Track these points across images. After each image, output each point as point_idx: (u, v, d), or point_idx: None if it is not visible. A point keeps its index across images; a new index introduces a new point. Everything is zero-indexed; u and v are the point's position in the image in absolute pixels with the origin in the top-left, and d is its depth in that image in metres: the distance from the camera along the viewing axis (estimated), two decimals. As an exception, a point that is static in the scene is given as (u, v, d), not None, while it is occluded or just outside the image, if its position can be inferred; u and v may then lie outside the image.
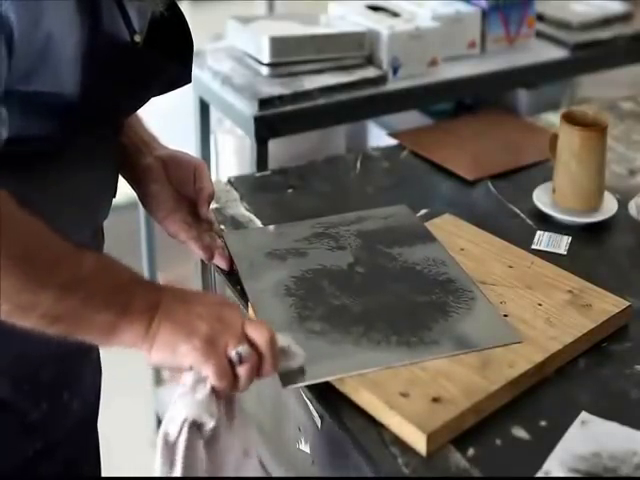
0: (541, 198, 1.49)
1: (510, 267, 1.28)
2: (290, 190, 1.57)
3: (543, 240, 1.40)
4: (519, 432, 1.03)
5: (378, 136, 2.07)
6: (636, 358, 1.15)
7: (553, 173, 1.48)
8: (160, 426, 0.98)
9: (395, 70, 1.86)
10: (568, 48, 2.05)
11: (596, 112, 1.56)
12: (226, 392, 0.98)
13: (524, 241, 1.38)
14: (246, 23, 1.89)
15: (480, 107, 2.06)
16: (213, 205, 1.31)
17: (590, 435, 1.02)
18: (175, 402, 0.98)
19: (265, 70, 1.81)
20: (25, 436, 1.11)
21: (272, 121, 1.74)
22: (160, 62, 1.06)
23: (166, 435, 0.96)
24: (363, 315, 1.16)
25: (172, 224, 1.23)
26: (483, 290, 1.22)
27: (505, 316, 1.18)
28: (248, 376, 0.97)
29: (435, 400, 1.03)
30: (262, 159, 1.75)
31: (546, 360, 1.10)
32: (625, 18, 2.19)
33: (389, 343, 1.11)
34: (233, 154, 2.08)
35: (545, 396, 1.09)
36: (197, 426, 0.96)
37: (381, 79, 1.85)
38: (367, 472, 1.01)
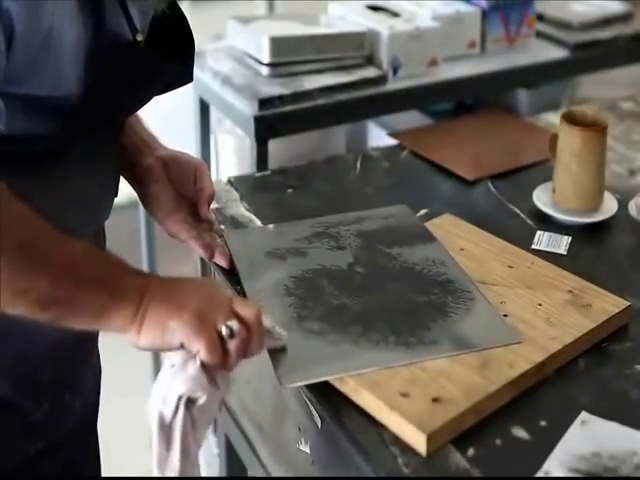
0: (541, 198, 1.49)
1: (510, 267, 1.28)
2: (290, 190, 1.57)
3: (543, 240, 1.40)
4: (519, 432, 1.03)
5: (378, 136, 2.07)
6: (636, 358, 1.15)
7: (553, 173, 1.48)
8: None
9: (395, 70, 1.86)
10: (568, 48, 2.05)
11: (596, 112, 1.56)
12: (216, 369, 0.98)
13: (524, 241, 1.38)
14: (246, 23, 1.89)
15: (480, 107, 2.06)
16: (213, 205, 1.31)
17: (590, 435, 1.02)
18: (165, 383, 0.98)
19: (265, 70, 1.81)
20: (27, 436, 1.11)
21: (272, 121, 1.74)
22: (162, 61, 1.06)
23: (161, 417, 0.96)
24: (362, 315, 1.16)
25: (173, 224, 1.23)
26: (483, 290, 1.22)
27: (505, 316, 1.18)
28: (238, 351, 0.98)
29: (435, 400, 1.03)
30: (262, 159, 1.75)
31: (546, 360, 1.10)
32: (625, 18, 2.19)
33: (388, 343, 1.11)
34: (233, 154, 2.08)
35: (545, 396, 1.09)
36: (191, 402, 0.97)
37: (381, 79, 1.85)
38: (367, 472, 1.00)
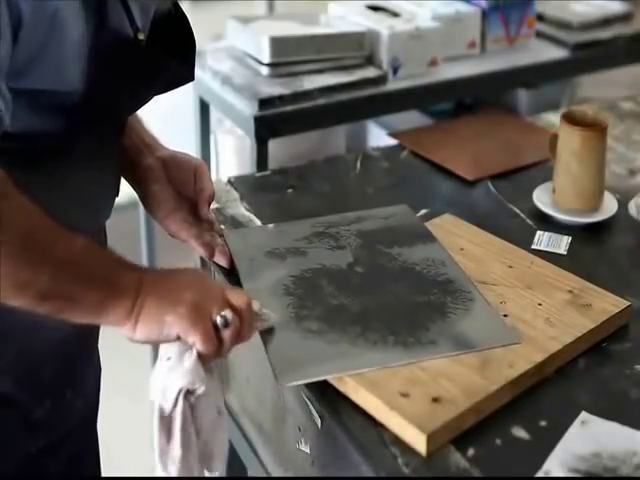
0: (541, 198, 1.49)
1: (510, 267, 1.28)
2: (290, 190, 1.56)
3: (543, 240, 1.40)
4: (519, 432, 1.03)
5: (378, 136, 2.07)
6: (636, 358, 1.15)
7: (553, 173, 1.48)
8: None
9: (395, 70, 1.86)
10: (568, 48, 2.06)
11: (596, 112, 1.56)
12: (212, 358, 1.01)
13: (524, 241, 1.38)
14: (246, 23, 1.89)
15: (480, 107, 2.06)
16: (213, 205, 1.31)
17: (590, 435, 1.02)
18: (163, 376, 0.99)
19: (265, 70, 1.81)
20: (28, 433, 1.12)
21: (272, 121, 1.74)
22: (163, 60, 1.07)
23: (161, 409, 0.98)
24: (361, 315, 1.16)
25: (173, 223, 1.23)
26: (483, 290, 1.22)
27: (505, 316, 1.18)
28: (232, 339, 1.01)
29: (435, 400, 1.03)
30: (262, 159, 1.75)
31: (546, 360, 1.10)
32: (625, 18, 2.19)
33: (386, 343, 1.11)
34: (233, 154, 2.08)
35: (545, 396, 1.09)
36: (190, 392, 0.99)
37: (381, 79, 1.85)
38: (367, 472, 1.00)
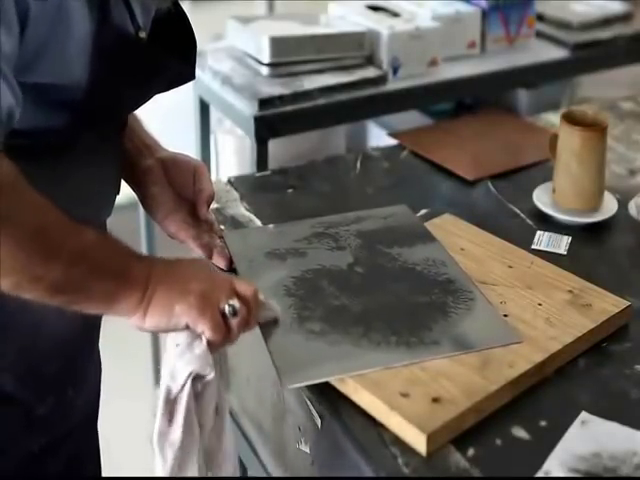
0: (541, 198, 1.49)
1: (510, 267, 1.28)
2: (290, 190, 1.57)
3: (543, 240, 1.40)
4: (519, 432, 1.03)
5: (378, 136, 2.07)
6: (636, 358, 1.15)
7: (553, 173, 1.48)
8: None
9: (395, 70, 1.86)
10: (568, 48, 2.06)
11: (596, 112, 1.56)
12: (220, 346, 1.03)
13: (524, 241, 1.38)
14: (246, 23, 1.89)
15: (480, 107, 2.06)
16: (213, 205, 1.31)
17: (590, 435, 1.02)
18: (173, 361, 1.01)
19: (265, 70, 1.81)
20: (30, 432, 1.12)
21: (272, 121, 1.74)
22: (164, 58, 1.08)
23: (168, 390, 1.00)
24: (363, 315, 1.16)
25: (172, 224, 1.23)
26: (483, 290, 1.22)
27: (505, 316, 1.18)
28: (240, 327, 1.03)
29: (435, 400, 1.03)
30: (262, 159, 1.75)
31: (546, 360, 1.10)
32: (625, 18, 2.20)
33: (389, 343, 1.11)
34: (233, 154, 2.08)
35: (545, 396, 1.09)
36: (199, 379, 1.00)
37: (381, 79, 1.85)
38: (367, 472, 1.00)
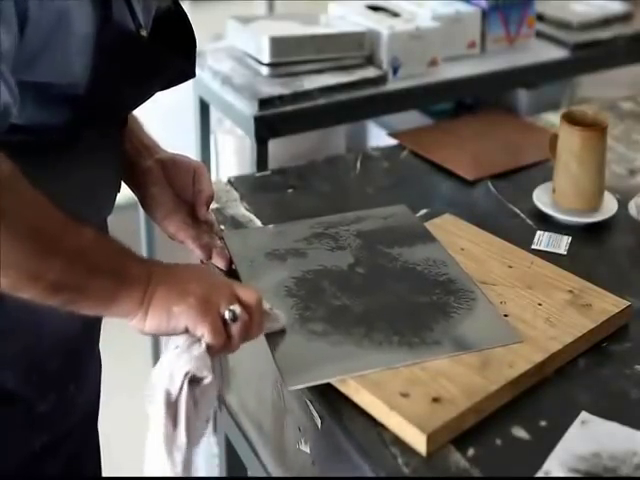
0: (541, 198, 1.49)
1: (510, 267, 1.28)
2: (290, 190, 1.57)
3: (543, 240, 1.40)
4: (519, 432, 1.03)
5: (378, 136, 2.07)
6: (636, 358, 1.15)
7: (553, 173, 1.48)
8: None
9: (395, 70, 1.86)
10: (568, 48, 2.06)
11: (596, 112, 1.56)
12: (219, 352, 1.01)
13: (524, 241, 1.38)
14: (246, 23, 1.89)
15: (480, 107, 2.06)
16: (213, 205, 1.31)
17: (590, 435, 1.02)
18: (170, 363, 1.00)
19: (265, 70, 1.81)
20: (32, 429, 1.12)
21: (272, 121, 1.74)
22: (164, 56, 1.08)
23: (168, 394, 0.98)
24: (364, 316, 1.16)
25: (171, 224, 1.23)
26: (483, 290, 1.22)
27: (505, 316, 1.18)
28: (240, 335, 1.01)
29: (435, 400, 1.03)
30: (262, 159, 1.75)
31: (546, 360, 1.10)
32: (625, 18, 2.20)
33: (391, 344, 1.11)
34: (233, 154, 2.08)
35: (545, 396, 1.09)
36: (196, 381, 0.99)
37: (381, 79, 1.85)
38: (367, 472, 1.01)
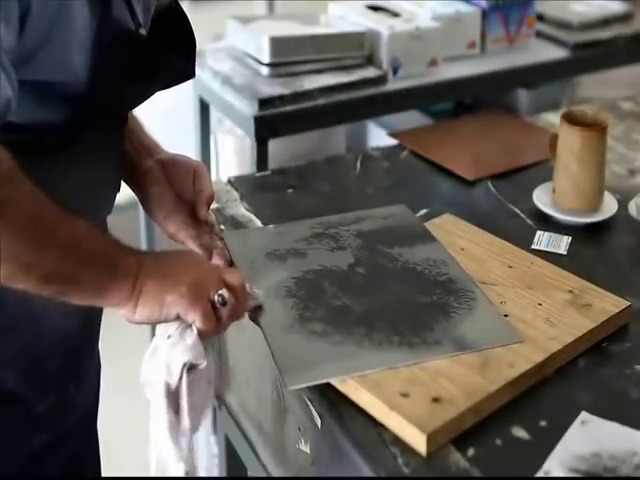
0: (541, 198, 1.49)
1: (510, 267, 1.28)
2: (290, 190, 1.57)
3: (543, 240, 1.40)
4: (519, 432, 1.03)
5: (378, 136, 2.07)
6: (636, 358, 1.16)
7: (553, 173, 1.48)
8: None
9: (395, 70, 1.86)
10: (568, 48, 2.06)
11: (596, 112, 1.56)
12: (210, 335, 1.04)
13: (524, 241, 1.38)
14: (246, 23, 1.89)
15: (480, 107, 2.06)
16: (213, 205, 1.31)
17: (590, 435, 1.02)
18: (165, 353, 1.02)
19: (265, 70, 1.81)
20: (32, 429, 1.12)
21: (272, 121, 1.74)
22: (164, 55, 1.08)
23: (168, 385, 1.01)
24: (365, 316, 1.16)
25: (172, 224, 1.23)
26: (483, 290, 1.22)
27: (505, 316, 1.18)
28: (229, 317, 1.05)
29: (435, 400, 1.03)
30: (262, 159, 1.75)
31: (546, 360, 1.10)
32: (625, 18, 2.20)
33: (391, 344, 1.11)
34: (233, 154, 2.08)
35: (545, 396, 1.09)
36: (192, 367, 1.02)
37: (381, 79, 1.85)
38: (367, 472, 1.01)
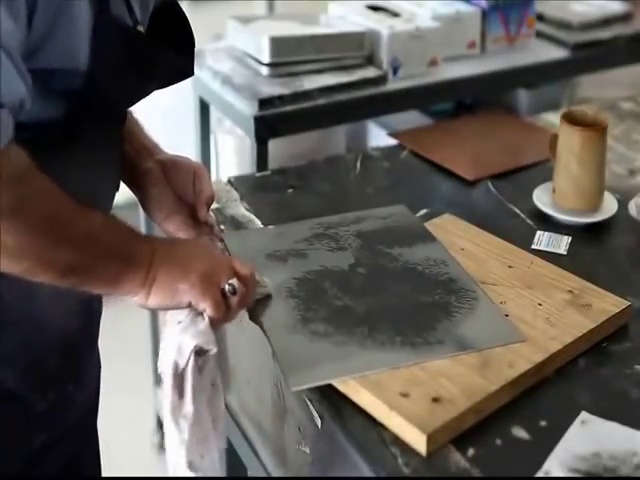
0: (541, 198, 1.49)
1: (510, 267, 1.28)
2: (290, 190, 1.57)
3: (543, 240, 1.40)
4: (519, 432, 1.04)
5: (378, 136, 2.07)
6: (636, 358, 1.16)
7: (553, 173, 1.48)
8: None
9: (395, 70, 1.86)
10: (568, 48, 2.06)
11: (596, 112, 1.56)
12: (220, 323, 1.07)
13: (524, 241, 1.38)
14: (246, 23, 1.89)
15: (480, 107, 2.06)
16: (213, 205, 1.31)
17: (590, 435, 1.02)
18: (176, 336, 1.04)
19: (265, 70, 1.81)
20: (31, 428, 1.12)
21: (272, 121, 1.74)
22: (162, 52, 1.08)
23: (176, 365, 1.02)
24: (366, 316, 1.17)
25: (171, 225, 1.23)
26: (484, 290, 1.22)
27: (505, 316, 1.18)
28: (239, 305, 1.08)
29: (435, 400, 1.03)
30: (262, 159, 1.75)
31: (546, 360, 1.10)
32: (625, 18, 2.19)
33: (394, 344, 1.11)
34: (233, 154, 2.07)
35: (545, 396, 1.09)
36: (201, 353, 1.03)
37: (381, 79, 1.85)
38: (367, 472, 1.01)
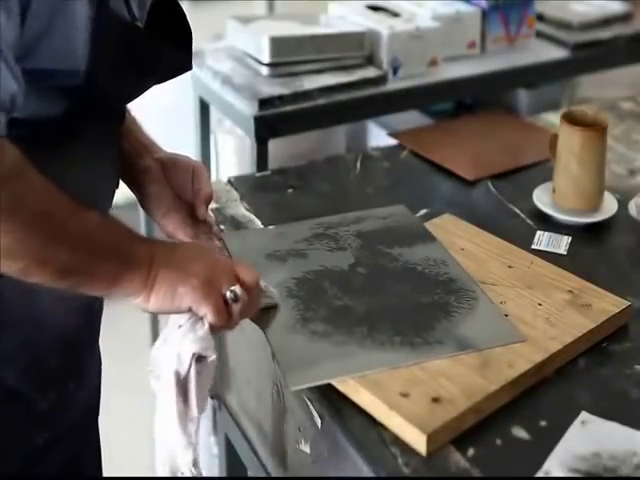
0: (541, 198, 1.49)
1: (510, 267, 1.28)
2: (290, 190, 1.57)
3: (543, 240, 1.40)
4: (519, 432, 1.04)
5: (378, 136, 2.07)
6: (636, 358, 1.16)
7: (553, 173, 1.48)
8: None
9: (395, 70, 1.86)
10: (568, 48, 2.06)
11: (596, 112, 1.56)
12: (220, 330, 1.05)
13: (524, 241, 1.38)
14: (246, 23, 1.89)
15: (480, 107, 2.06)
16: (213, 205, 1.31)
17: (590, 435, 1.02)
18: (175, 342, 1.03)
19: (265, 70, 1.81)
20: (32, 427, 1.12)
21: (272, 121, 1.74)
22: (160, 47, 1.08)
23: (177, 374, 1.01)
24: (366, 316, 1.17)
25: (170, 223, 1.23)
26: (483, 290, 1.22)
27: (505, 316, 1.18)
28: (241, 314, 1.06)
29: (435, 400, 1.03)
30: (262, 159, 1.75)
31: (546, 360, 1.10)
32: (625, 18, 2.19)
33: (393, 344, 1.12)
34: (233, 154, 2.08)
35: (545, 396, 1.09)
36: (201, 359, 1.02)
37: (381, 79, 1.85)
38: (367, 472, 1.01)
